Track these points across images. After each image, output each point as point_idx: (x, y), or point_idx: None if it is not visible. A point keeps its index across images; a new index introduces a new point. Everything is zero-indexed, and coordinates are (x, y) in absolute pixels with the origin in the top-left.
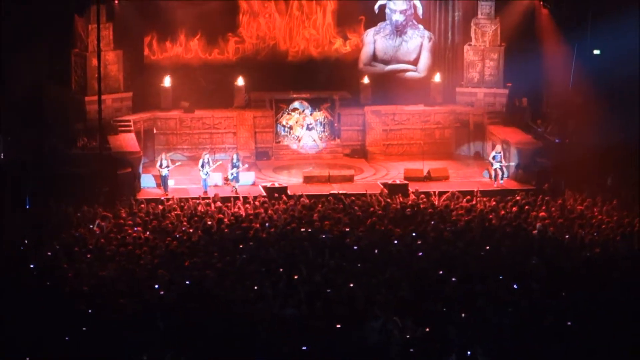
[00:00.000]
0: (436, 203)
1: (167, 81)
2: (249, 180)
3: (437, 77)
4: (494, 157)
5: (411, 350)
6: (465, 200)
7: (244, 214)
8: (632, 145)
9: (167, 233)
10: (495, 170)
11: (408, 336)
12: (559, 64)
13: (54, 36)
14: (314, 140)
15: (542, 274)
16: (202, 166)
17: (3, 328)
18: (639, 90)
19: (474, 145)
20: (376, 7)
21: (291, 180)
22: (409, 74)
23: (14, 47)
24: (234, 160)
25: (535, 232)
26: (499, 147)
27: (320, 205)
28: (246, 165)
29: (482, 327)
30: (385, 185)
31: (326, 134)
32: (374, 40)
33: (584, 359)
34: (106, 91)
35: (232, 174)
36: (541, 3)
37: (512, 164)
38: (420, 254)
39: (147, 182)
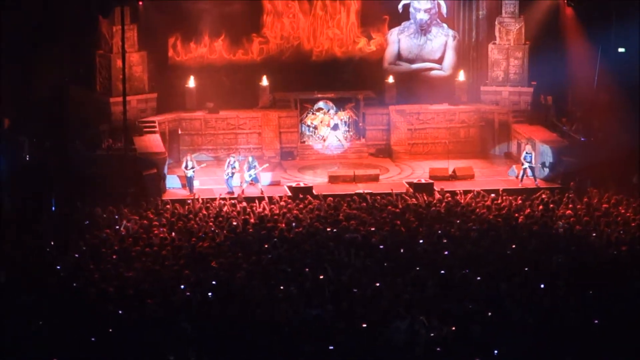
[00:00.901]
0: (462, 202)
1: (191, 82)
2: (266, 180)
3: (461, 76)
4: (524, 157)
5: (437, 349)
6: (490, 199)
7: (269, 214)
8: None
9: (193, 234)
10: (524, 169)
11: (434, 335)
12: (583, 62)
13: (78, 38)
14: (339, 140)
15: (568, 273)
16: (227, 167)
17: (31, 329)
18: None
19: (508, 145)
20: (400, 6)
21: (316, 180)
22: (434, 72)
23: (38, 49)
24: (250, 162)
25: (561, 230)
26: (529, 148)
27: (345, 205)
28: (266, 165)
29: (507, 326)
30: (410, 184)
31: (351, 133)
32: (399, 40)
33: (610, 358)
34: (131, 92)
35: (249, 175)
36: (565, 1)
37: (542, 165)
38: (446, 252)
39: (173, 183)
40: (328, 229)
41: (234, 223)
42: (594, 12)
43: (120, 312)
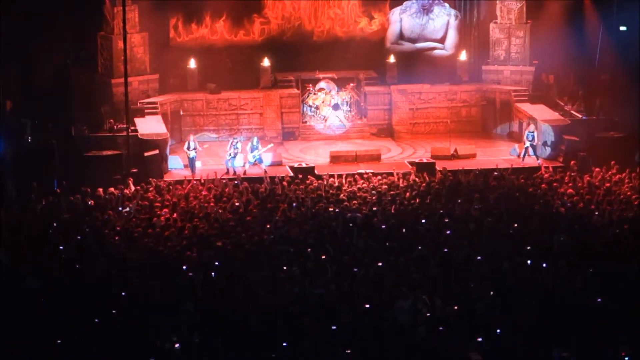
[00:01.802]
0: (463, 181)
1: (192, 63)
2: (268, 161)
3: (463, 55)
4: (527, 136)
5: (440, 328)
6: (492, 177)
7: (271, 194)
8: None
9: (195, 215)
10: (526, 148)
11: (437, 314)
12: (585, 40)
13: (80, 19)
14: (341, 120)
15: (570, 252)
16: (229, 148)
17: (34, 311)
18: None
19: (510, 125)
20: None
21: (318, 160)
22: (436, 52)
23: (40, 31)
24: (254, 143)
25: (563, 209)
26: (532, 126)
27: (347, 185)
28: (271, 145)
29: (510, 305)
30: (412, 163)
31: (352, 113)
32: (400, 19)
33: (612, 336)
34: (132, 73)
35: (254, 157)
36: None
37: (544, 143)
38: (448, 232)
39: (175, 163)
40: (330, 209)
41: (237, 204)
42: None
43: (123, 293)
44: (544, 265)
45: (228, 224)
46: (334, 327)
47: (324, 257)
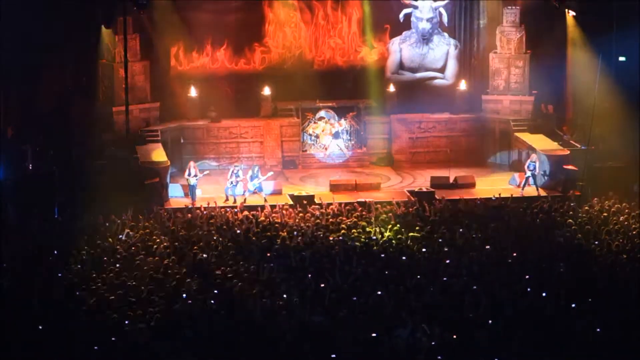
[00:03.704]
0: (463, 210)
1: (193, 91)
2: (268, 189)
3: (462, 85)
4: (528, 166)
5: (438, 357)
6: (492, 207)
7: (271, 223)
8: None
9: (195, 242)
10: (527, 178)
11: (435, 343)
12: (584, 70)
13: (81, 47)
14: (341, 149)
15: (569, 281)
16: (230, 176)
17: (33, 337)
18: None
19: (509, 154)
20: (401, 15)
21: (318, 188)
22: (437, 81)
23: (42, 58)
24: (254, 172)
25: (561, 239)
26: (534, 156)
27: (347, 213)
28: (271, 173)
29: (509, 333)
30: (412, 192)
31: (352, 142)
32: (400, 49)
33: None
34: (133, 102)
35: (254, 185)
36: (567, 10)
37: (543, 173)
38: (447, 261)
39: (175, 191)
40: (329, 237)
41: (237, 231)
42: (595, 21)
43: (123, 320)
44: (543, 294)
45: (228, 252)
46: (333, 356)
47: (323, 285)
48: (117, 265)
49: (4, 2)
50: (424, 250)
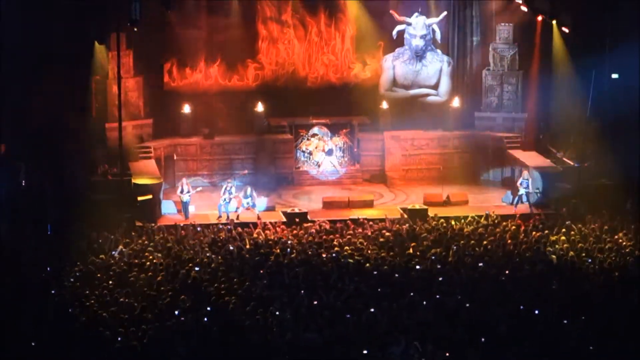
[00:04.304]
0: (456, 227)
1: (187, 108)
2: (262, 206)
3: (455, 102)
4: (521, 183)
5: None
6: (484, 224)
7: (264, 240)
8: None
9: (188, 259)
10: (520, 195)
11: None
12: (577, 87)
13: (74, 63)
14: (334, 166)
15: (561, 299)
16: (223, 193)
17: (26, 354)
18: None
19: (502, 171)
20: (394, 32)
21: (311, 205)
22: (430, 98)
23: (35, 74)
24: (247, 193)
25: (554, 256)
26: (527, 174)
27: (340, 230)
28: (264, 198)
29: (501, 351)
30: (405, 210)
31: (346, 159)
32: (394, 66)
33: None
34: (126, 118)
35: (247, 203)
36: (560, 27)
37: (537, 190)
38: (440, 278)
39: (168, 208)
40: (322, 255)
41: (231, 248)
42: (588, 38)
43: (115, 337)
44: (536, 311)
45: (221, 269)
46: None
47: (316, 302)
48: (110, 282)
49: None
50: (417, 267)
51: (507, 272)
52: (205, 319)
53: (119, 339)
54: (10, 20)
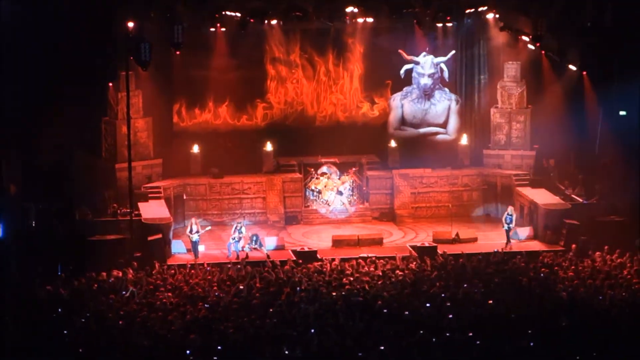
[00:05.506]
0: (465, 264)
1: (196, 148)
2: (271, 245)
3: (464, 140)
4: (505, 219)
5: None
6: (494, 261)
7: (274, 278)
8: None
9: (198, 298)
10: (505, 231)
11: None
12: (585, 125)
13: (84, 104)
14: (343, 204)
15: (572, 335)
16: (234, 232)
17: None
18: None
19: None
20: (402, 71)
21: (321, 244)
22: (439, 136)
23: (44, 114)
24: (254, 239)
25: (564, 293)
26: (511, 209)
27: (349, 269)
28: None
29: None
30: (414, 247)
31: (355, 197)
32: (402, 105)
33: None
34: (136, 158)
35: (254, 242)
36: (567, 65)
37: (520, 234)
38: (450, 316)
39: (178, 247)
40: (333, 293)
41: (241, 287)
42: (597, 75)
43: None
44: (547, 348)
45: (231, 308)
46: None
47: (326, 340)
48: (121, 321)
49: (5, 57)
50: (427, 305)
51: (517, 308)
52: (216, 358)
53: None
54: (18, 59)
